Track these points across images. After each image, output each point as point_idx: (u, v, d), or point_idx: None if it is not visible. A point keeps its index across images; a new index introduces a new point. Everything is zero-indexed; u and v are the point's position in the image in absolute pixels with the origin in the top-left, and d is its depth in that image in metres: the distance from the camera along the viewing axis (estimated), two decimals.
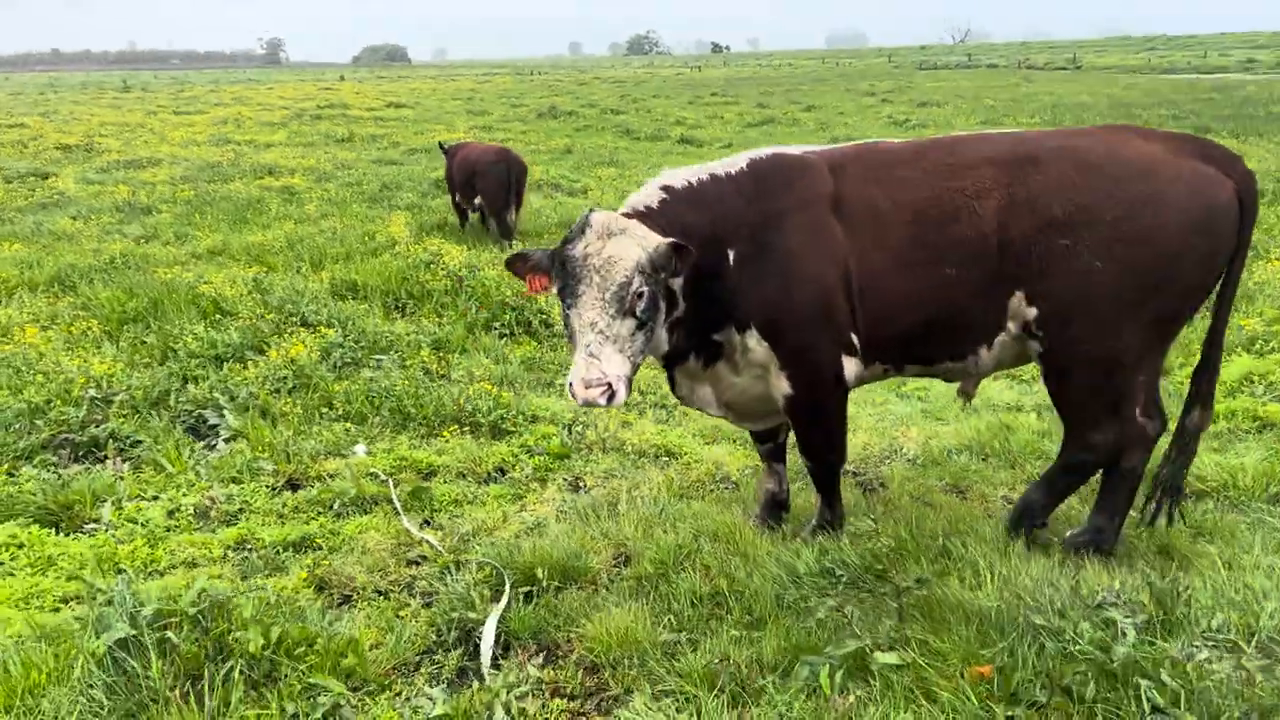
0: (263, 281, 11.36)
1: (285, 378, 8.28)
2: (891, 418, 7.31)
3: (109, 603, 4.17)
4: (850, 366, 4.65)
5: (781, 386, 4.67)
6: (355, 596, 4.94)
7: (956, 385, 5.21)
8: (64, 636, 4.01)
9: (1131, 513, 4.82)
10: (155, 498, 6.35)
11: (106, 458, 7.21)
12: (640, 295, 4.13)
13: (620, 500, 5.79)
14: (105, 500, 6.23)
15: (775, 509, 5.42)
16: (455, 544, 5.39)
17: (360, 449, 7.04)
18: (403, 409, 7.51)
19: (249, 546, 5.63)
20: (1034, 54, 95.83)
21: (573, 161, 22.70)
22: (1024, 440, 6.33)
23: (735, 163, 4.70)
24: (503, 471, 6.56)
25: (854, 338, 4.59)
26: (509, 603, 4.52)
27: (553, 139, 27.98)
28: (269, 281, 11.45)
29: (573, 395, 4.00)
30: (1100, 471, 4.80)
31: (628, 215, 4.38)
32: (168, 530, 5.89)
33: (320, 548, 5.54)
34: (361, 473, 6.55)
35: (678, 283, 4.42)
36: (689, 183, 4.61)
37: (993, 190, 4.43)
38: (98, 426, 7.58)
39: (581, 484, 6.29)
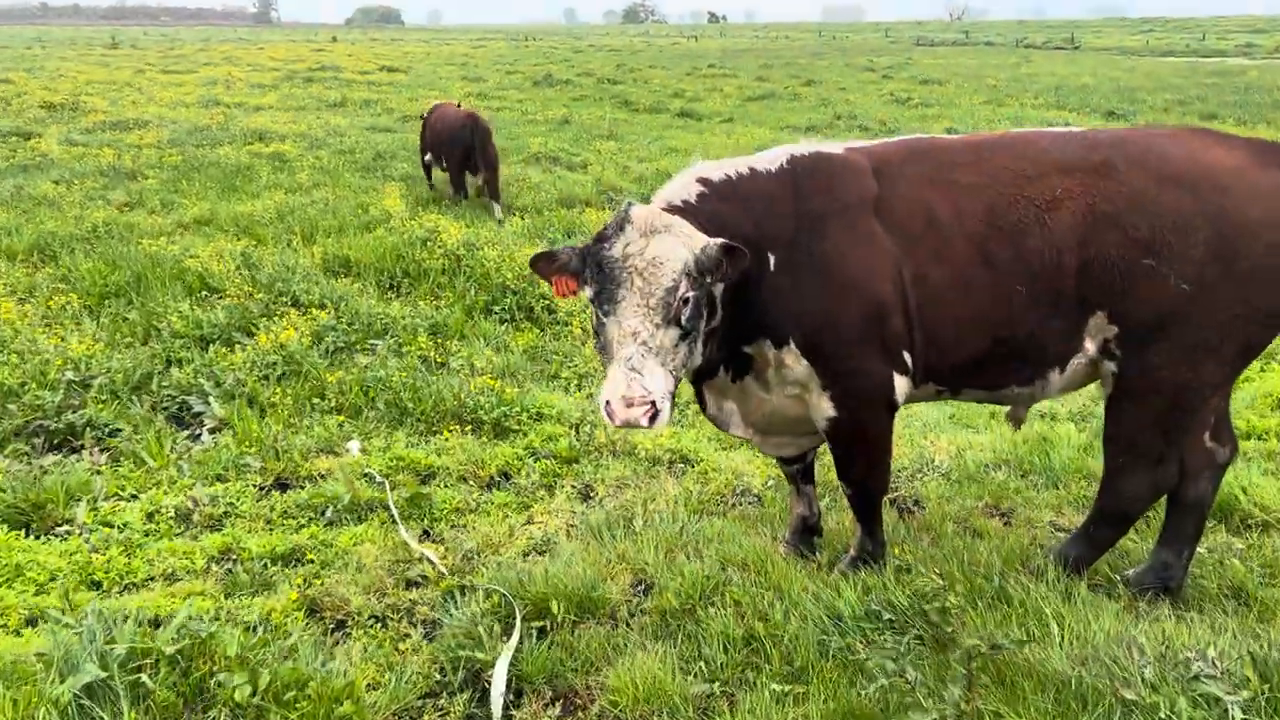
0: (251, 256, 10.86)
1: (275, 364, 7.83)
2: (918, 424, 6.90)
3: (78, 635, 3.74)
4: (902, 387, 4.25)
5: (823, 408, 4.25)
6: (350, 623, 4.52)
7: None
8: (25, 678, 3.58)
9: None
10: (134, 496, 5.91)
11: (84, 447, 6.77)
12: (686, 301, 3.69)
13: (636, 516, 5.38)
14: (80, 499, 5.78)
15: (807, 534, 5.02)
16: (458, 563, 4.97)
17: (354, 446, 6.61)
18: (399, 402, 7.07)
19: (234, 557, 5.20)
20: (1031, 33, 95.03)
21: (571, 133, 22.11)
22: (1066, 457, 5.93)
23: (775, 158, 4.28)
24: (507, 476, 6.14)
25: (908, 357, 4.18)
26: (520, 640, 4.10)
27: (550, 108, 27.34)
28: (258, 256, 10.96)
29: (609, 416, 3.55)
30: (1166, 501, 4.41)
31: (670, 210, 3.94)
32: (146, 535, 5.46)
33: (311, 561, 5.12)
34: (356, 473, 6.12)
35: (720, 288, 3.98)
36: (728, 176, 4.18)
37: (1066, 201, 4.03)
38: (75, 412, 7.14)
39: (592, 493, 5.87)
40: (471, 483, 6.08)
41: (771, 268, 4.07)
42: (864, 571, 4.49)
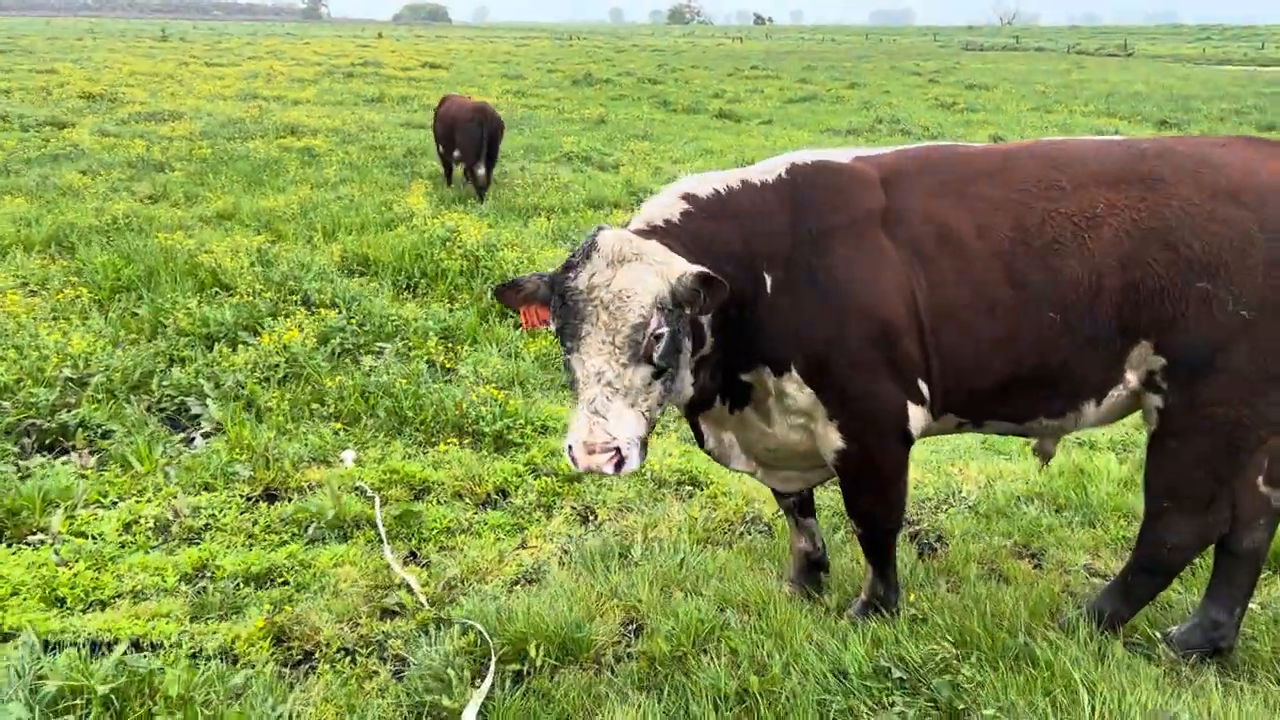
0: (268, 253, 10.63)
1: (276, 365, 7.55)
2: (947, 449, 6.47)
3: (6, 669, 3.44)
4: (917, 417, 3.86)
5: (831, 439, 3.87)
6: (317, 654, 4.20)
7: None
8: None
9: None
10: (115, 503, 5.65)
11: (75, 448, 6.52)
12: (659, 337, 3.35)
13: (635, 543, 5.01)
14: (58, 507, 5.52)
15: (812, 571, 4.64)
16: (440, 591, 4.64)
17: (349, 456, 6.30)
18: (400, 410, 6.76)
19: (208, 574, 4.90)
20: (1083, 39, 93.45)
21: (605, 133, 21.79)
22: (1105, 492, 5.49)
23: (772, 169, 3.92)
24: (504, 494, 5.79)
25: (923, 385, 3.80)
26: (492, 686, 3.75)
27: (586, 107, 27.04)
28: (275, 253, 10.72)
29: (572, 461, 3.28)
30: (1215, 551, 3.97)
31: (644, 231, 3.61)
32: (121, 547, 5.18)
33: (287, 583, 4.81)
34: (347, 486, 5.81)
35: (708, 316, 3.64)
36: (716, 191, 3.81)
37: (1108, 217, 3.63)
38: (69, 411, 6.90)
39: (592, 516, 5.51)
40: (467, 500, 5.74)
41: (768, 288, 3.71)
42: (875, 620, 4.09)
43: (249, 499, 5.80)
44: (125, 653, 4.07)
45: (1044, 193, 3.71)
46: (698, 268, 3.39)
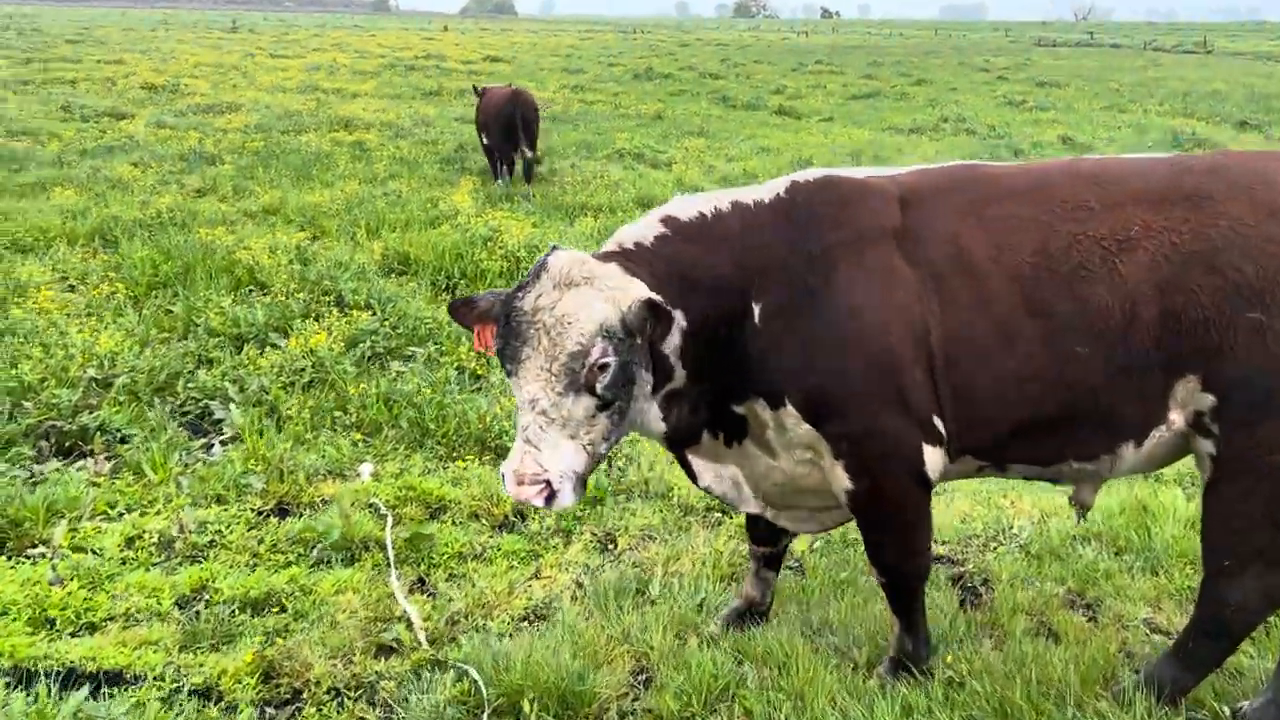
0: (306, 250, 10.48)
1: (303, 370, 7.35)
2: (998, 480, 6.03)
3: None
4: (934, 458, 3.50)
5: (838, 478, 3.54)
6: (306, 694, 3.94)
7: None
8: None
9: None
10: (122, 514, 5.45)
11: (93, 453, 6.36)
12: (603, 367, 3.13)
13: (654, 579, 4.68)
14: (63, 518, 5.34)
15: (748, 619, 4.32)
16: (442, 627, 4.35)
17: (366, 470, 6.05)
18: (422, 422, 6.50)
19: (205, 597, 4.67)
20: (1161, 35, 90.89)
21: (661, 130, 21.44)
22: (1170, 534, 5.03)
23: (771, 188, 3.64)
24: (522, 516, 5.49)
25: (937, 421, 3.44)
26: None
27: (644, 103, 26.70)
28: (313, 251, 10.58)
29: (505, 489, 3.18)
30: None
31: (610, 254, 3.39)
32: (122, 564, 4.98)
33: (286, 609, 4.56)
34: (361, 502, 5.56)
35: (671, 344, 3.39)
36: (701, 214, 3.54)
37: (1144, 240, 3.28)
38: (90, 414, 6.75)
39: (612, 545, 5.19)
40: (483, 521, 5.46)
41: (757, 316, 3.41)
42: (906, 682, 3.71)
43: (260, 513, 5.58)
44: (99, 688, 3.89)
45: (1071, 214, 3.39)
46: (645, 294, 3.16)
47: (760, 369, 3.44)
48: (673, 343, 3.38)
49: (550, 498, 3.15)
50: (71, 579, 4.75)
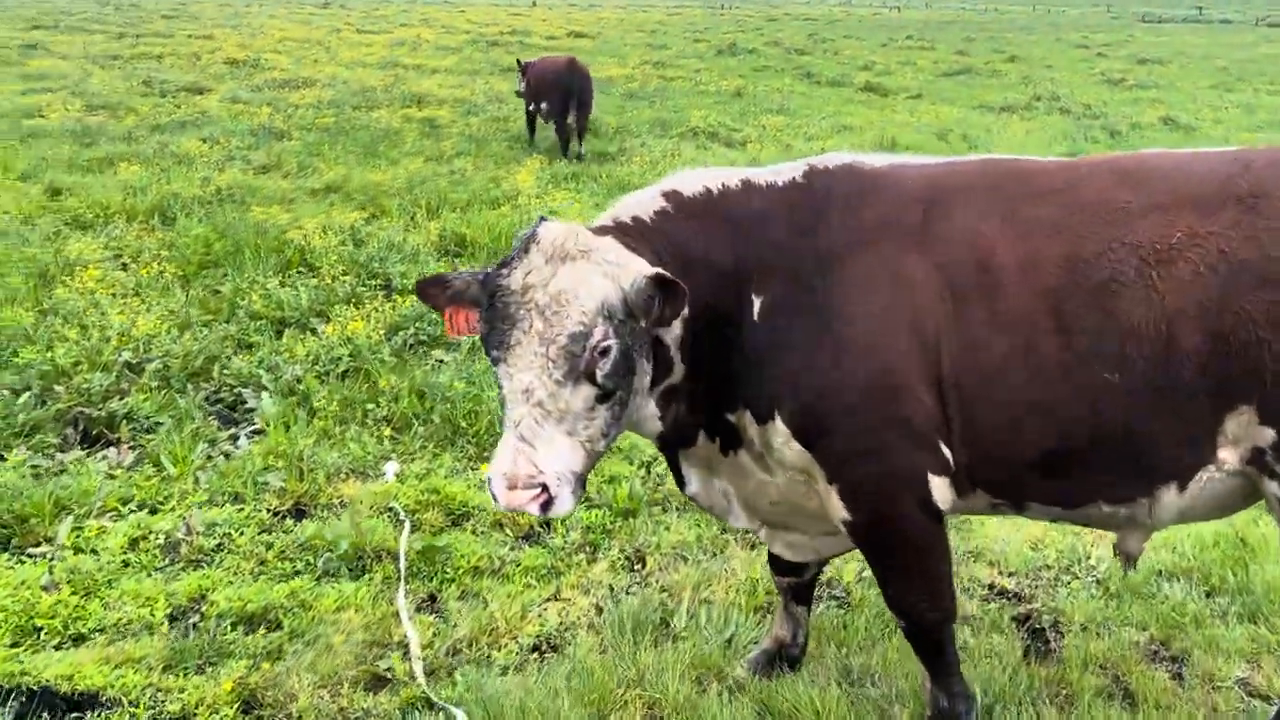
0: (360, 231, 10.22)
1: (339, 359, 7.05)
2: None
3: None
4: (942, 490, 3.04)
5: (835, 507, 3.11)
6: None
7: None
8: None
9: None
10: (134, 510, 5.19)
11: (118, 441, 6.14)
12: (604, 351, 2.76)
13: (680, 608, 4.24)
14: (70, 514, 5.10)
15: (777, 664, 3.83)
16: (442, 656, 3.97)
17: (391, 470, 5.71)
18: (454, 418, 6.13)
19: (200, 609, 4.37)
20: (1275, 10, 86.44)
21: (739, 107, 20.78)
22: (1271, 575, 4.41)
23: (785, 172, 3.23)
24: (549, 527, 5.09)
25: (944, 448, 2.98)
26: None
27: (725, 79, 26.02)
28: (368, 231, 10.31)
29: (493, 496, 2.76)
30: None
31: (606, 228, 3.04)
32: (124, 566, 4.72)
33: (281, 626, 4.23)
34: (380, 505, 5.23)
35: (672, 334, 3.02)
36: (707, 190, 3.16)
37: (1190, 248, 2.80)
38: (121, 399, 6.54)
39: (640, 564, 4.76)
40: (507, 530, 5.08)
41: (755, 313, 3.02)
42: None
43: (276, 514, 5.28)
44: (69, 711, 3.62)
45: (1104, 218, 2.91)
46: (651, 269, 2.81)
47: (751, 374, 3.05)
48: (674, 332, 3.01)
49: (547, 504, 2.75)
50: (68, 581, 4.50)
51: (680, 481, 3.52)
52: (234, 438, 6.26)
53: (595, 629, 4.16)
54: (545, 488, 2.73)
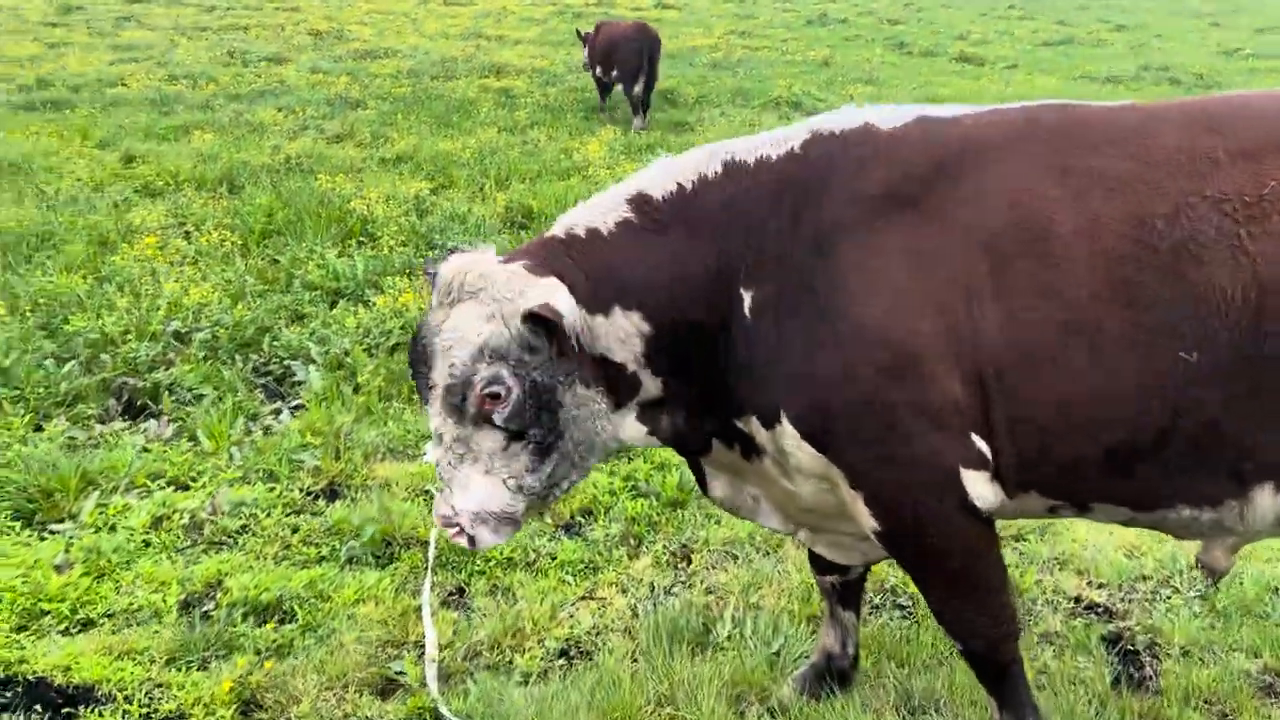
0: (425, 202, 9.96)
1: (389, 331, 6.78)
2: None
3: None
4: (980, 487, 2.59)
5: (862, 515, 2.71)
6: None
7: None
8: None
9: None
10: (163, 488, 4.97)
11: (161, 413, 5.96)
12: (494, 396, 2.61)
13: (724, 614, 3.83)
14: (96, 490, 4.90)
15: (826, 680, 3.39)
16: (460, 661, 3.64)
17: (432, 450, 5.39)
18: None
19: (214, 596, 4.11)
20: None
21: (826, 76, 20.04)
22: None
23: (785, 141, 2.80)
24: (590, 515, 4.73)
25: (980, 444, 2.54)
26: None
27: (812, 49, 25.19)
28: (433, 202, 10.04)
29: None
30: None
31: (554, 242, 2.83)
32: (144, 546, 4.49)
33: (295, 618, 3.94)
34: (417, 488, 4.94)
35: (628, 352, 2.77)
36: (679, 187, 2.79)
37: None
38: (166, 370, 6.38)
39: (685, 562, 4.36)
40: (547, 519, 4.72)
41: (746, 309, 2.69)
42: None
43: (308, 494, 5.03)
44: (63, 706, 3.38)
45: (1185, 167, 2.42)
46: (527, 306, 2.59)
47: (750, 377, 2.70)
48: (632, 350, 2.76)
49: (472, 540, 2.74)
50: (84, 561, 4.28)
51: (702, 484, 3.17)
52: (277, 412, 6.04)
53: (630, 634, 3.79)
54: (461, 528, 2.72)
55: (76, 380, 6.05)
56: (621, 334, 2.74)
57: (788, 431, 2.64)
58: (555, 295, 2.60)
